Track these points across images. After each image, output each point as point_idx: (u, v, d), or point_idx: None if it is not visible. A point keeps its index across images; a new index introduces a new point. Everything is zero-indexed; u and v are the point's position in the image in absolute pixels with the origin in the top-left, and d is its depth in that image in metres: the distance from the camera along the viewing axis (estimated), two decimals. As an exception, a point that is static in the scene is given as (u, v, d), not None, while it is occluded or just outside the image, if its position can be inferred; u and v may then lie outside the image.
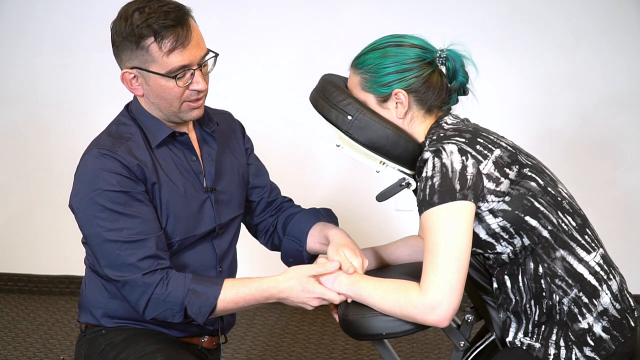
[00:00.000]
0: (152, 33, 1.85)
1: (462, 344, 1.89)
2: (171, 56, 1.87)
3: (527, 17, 3.75)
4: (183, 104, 1.94)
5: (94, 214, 1.88)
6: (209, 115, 2.10)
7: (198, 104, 1.96)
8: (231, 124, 2.20)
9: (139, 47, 1.87)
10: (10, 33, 3.96)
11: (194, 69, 1.90)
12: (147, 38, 1.86)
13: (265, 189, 2.24)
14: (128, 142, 1.94)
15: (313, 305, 1.90)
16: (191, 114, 1.97)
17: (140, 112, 1.99)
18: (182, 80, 1.90)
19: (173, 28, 1.86)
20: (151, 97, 1.95)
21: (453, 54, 1.90)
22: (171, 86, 1.90)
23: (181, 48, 1.87)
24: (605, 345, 1.78)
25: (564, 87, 3.76)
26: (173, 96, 1.92)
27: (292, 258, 2.19)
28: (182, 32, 1.87)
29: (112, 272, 1.89)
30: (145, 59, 1.88)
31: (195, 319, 1.89)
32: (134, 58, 1.89)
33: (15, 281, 4.11)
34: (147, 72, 1.90)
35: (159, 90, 1.92)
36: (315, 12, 3.82)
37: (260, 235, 2.27)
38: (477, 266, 1.90)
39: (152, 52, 1.87)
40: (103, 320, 2.01)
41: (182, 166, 2.01)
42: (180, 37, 1.87)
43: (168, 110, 1.95)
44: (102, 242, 1.88)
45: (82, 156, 1.95)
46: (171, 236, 1.97)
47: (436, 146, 1.80)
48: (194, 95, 1.93)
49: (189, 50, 1.88)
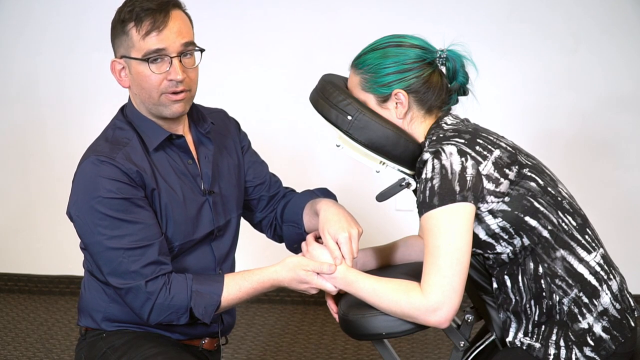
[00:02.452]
0: (133, 17, 1.88)
1: (462, 344, 1.89)
2: (147, 39, 1.88)
3: (526, 17, 3.75)
4: (162, 96, 1.91)
5: (95, 222, 1.86)
6: (203, 115, 2.09)
7: (177, 97, 1.92)
8: (225, 122, 2.19)
9: (123, 33, 1.90)
10: (10, 33, 3.96)
11: (172, 57, 1.89)
12: (129, 22, 1.88)
13: (264, 184, 2.22)
14: (126, 148, 1.92)
15: (312, 292, 1.91)
16: (171, 108, 1.93)
17: (135, 116, 1.98)
18: (156, 65, 1.89)
19: (152, 12, 1.87)
20: (134, 88, 1.94)
21: (453, 54, 1.90)
22: (147, 73, 1.89)
23: (157, 31, 1.87)
24: (605, 345, 1.78)
25: (564, 87, 3.76)
26: (150, 85, 1.90)
27: (295, 243, 2.17)
28: (160, 16, 1.88)
29: (115, 280, 1.88)
30: (127, 44, 1.90)
31: (202, 319, 1.89)
32: (120, 45, 1.91)
33: (15, 281, 4.11)
34: (130, 59, 1.90)
35: (139, 78, 1.91)
36: (315, 12, 3.82)
37: (266, 230, 2.26)
38: (477, 266, 1.90)
39: (132, 36, 1.88)
40: (103, 323, 2.00)
41: (180, 170, 2.00)
42: (157, 20, 1.87)
43: (149, 102, 1.93)
44: (104, 250, 1.87)
45: (80, 163, 1.93)
46: (171, 241, 1.96)
47: (435, 147, 1.80)
48: (172, 87, 1.90)
49: (165, 35, 1.88)
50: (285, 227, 2.18)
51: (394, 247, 2.16)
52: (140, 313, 1.88)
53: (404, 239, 2.18)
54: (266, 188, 2.22)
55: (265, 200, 2.22)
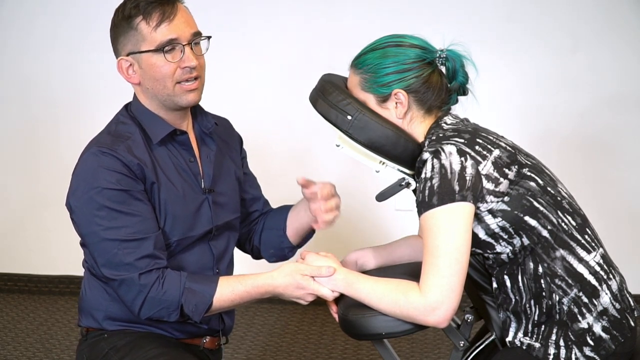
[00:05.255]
0: (140, 12, 1.90)
1: (461, 343, 1.90)
2: (158, 30, 1.90)
3: (526, 17, 3.75)
4: (176, 85, 1.94)
5: (93, 212, 1.87)
6: (205, 113, 2.10)
7: (192, 86, 1.95)
8: (230, 132, 2.21)
9: (130, 28, 1.92)
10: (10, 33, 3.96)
11: (184, 45, 1.92)
12: (136, 17, 1.91)
13: (261, 200, 2.27)
14: (128, 141, 1.93)
15: (308, 300, 1.91)
16: (186, 97, 1.96)
17: (140, 111, 1.99)
18: (171, 55, 1.92)
19: (160, 4, 1.91)
20: (146, 82, 1.95)
21: (453, 54, 1.90)
22: (161, 63, 1.92)
23: (167, 21, 1.91)
24: (605, 345, 1.78)
25: (563, 87, 3.76)
26: (165, 75, 1.93)
27: (272, 249, 2.21)
28: (168, 7, 1.92)
29: (108, 271, 1.88)
30: (136, 39, 1.92)
31: (192, 317, 1.89)
32: (127, 42, 1.93)
33: (15, 281, 4.11)
34: (140, 54, 1.92)
35: (152, 70, 1.93)
36: (315, 12, 3.82)
37: (246, 244, 2.28)
38: (476, 266, 1.90)
39: (141, 29, 1.91)
40: (105, 323, 2.00)
41: (181, 167, 2.01)
42: (166, 12, 1.91)
43: (163, 93, 1.95)
44: (100, 241, 1.88)
45: (82, 154, 1.95)
46: (169, 236, 1.97)
47: (435, 147, 1.80)
48: (186, 74, 1.93)
49: (175, 24, 1.92)
50: (265, 234, 2.21)
51: (394, 247, 2.16)
52: (132, 306, 1.88)
53: (404, 238, 2.19)
54: (261, 205, 2.26)
55: (256, 215, 2.26)
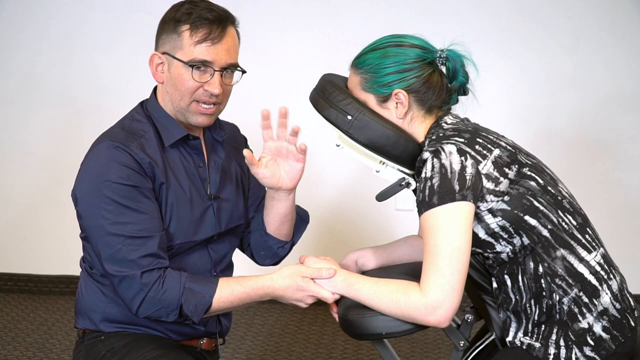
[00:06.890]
0: (189, 21, 1.90)
1: (462, 343, 1.89)
2: (198, 47, 1.90)
3: (527, 16, 3.75)
4: (193, 103, 1.94)
5: (100, 205, 1.86)
6: (220, 123, 2.11)
7: (208, 110, 1.96)
8: (237, 137, 2.22)
9: (174, 31, 1.92)
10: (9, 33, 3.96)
11: (215, 70, 1.92)
12: (184, 24, 1.91)
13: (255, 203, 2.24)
14: (141, 139, 1.93)
15: (308, 302, 1.91)
16: (197, 118, 1.96)
17: (157, 110, 1.99)
18: (199, 74, 1.92)
19: (210, 23, 1.90)
20: (168, 86, 1.96)
21: (453, 54, 1.90)
22: (187, 77, 1.92)
23: (210, 42, 1.90)
24: (605, 345, 1.78)
25: (564, 87, 3.76)
26: (186, 89, 1.93)
27: (262, 250, 2.19)
28: (217, 29, 1.91)
29: (110, 266, 1.87)
30: (176, 44, 1.92)
31: (191, 317, 1.88)
32: (167, 42, 1.93)
33: (15, 281, 4.11)
34: (172, 59, 1.92)
35: (176, 79, 1.93)
36: (315, 12, 3.82)
37: (245, 250, 2.27)
38: (476, 266, 1.90)
39: (184, 38, 1.91)
40: (102, 324, 1.99)
41: (190, 171, 2.01)
42: (212, 32, 1.90)
43: (178, 104, 1.95)
44: (105, 235, 1.86)
45: (92, 146, 1.94)
46: (172, 238, 1.96)
47: (435, 146, 1.80)
48: (205, 96, 1.93)
49: (216, 48, 1.91)
50: (252, 237, 2.20)
51: (394, 246, 2.16)
52: (131, 304, 1.87)
53: (404, 238, 2.19)
54: (254, 207, 2.23)
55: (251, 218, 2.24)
